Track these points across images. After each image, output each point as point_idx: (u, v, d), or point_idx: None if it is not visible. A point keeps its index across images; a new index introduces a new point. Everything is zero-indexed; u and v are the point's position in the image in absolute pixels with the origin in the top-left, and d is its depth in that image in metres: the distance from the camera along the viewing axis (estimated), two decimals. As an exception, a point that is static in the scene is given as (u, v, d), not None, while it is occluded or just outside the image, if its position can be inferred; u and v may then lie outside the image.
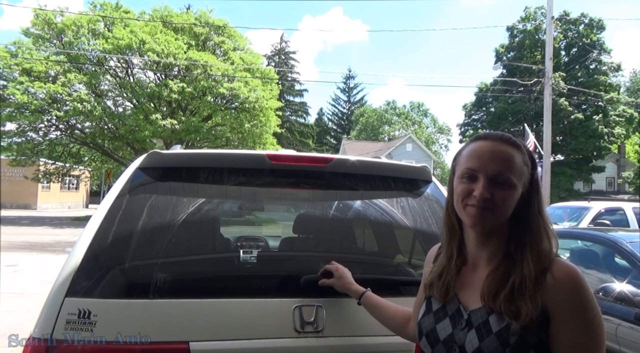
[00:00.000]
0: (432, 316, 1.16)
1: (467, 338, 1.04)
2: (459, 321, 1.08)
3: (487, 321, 1.02)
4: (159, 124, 21.01)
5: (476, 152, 1.09)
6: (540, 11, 32.09)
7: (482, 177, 1.06)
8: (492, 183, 1.05)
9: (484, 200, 1.04)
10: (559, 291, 0.98)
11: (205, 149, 21.23)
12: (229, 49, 25.34)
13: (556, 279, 0.99)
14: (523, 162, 1.08)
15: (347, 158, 1.89)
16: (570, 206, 10.23)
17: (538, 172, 1.14)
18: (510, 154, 1.07)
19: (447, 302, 1.14)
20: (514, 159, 1.07)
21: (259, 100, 23.80)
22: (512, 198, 1.05)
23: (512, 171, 1.05)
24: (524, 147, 1.11)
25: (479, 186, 1.05)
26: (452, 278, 1.15)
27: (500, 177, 1.05)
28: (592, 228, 6.41)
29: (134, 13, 24.29)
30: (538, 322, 0.98)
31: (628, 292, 3.35)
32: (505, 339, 0.98)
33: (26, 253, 11.02)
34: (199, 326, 1.43)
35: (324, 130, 60.05)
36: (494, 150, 1.07)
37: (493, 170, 1.05)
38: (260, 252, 2.19)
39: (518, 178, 1.06)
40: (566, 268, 1.01)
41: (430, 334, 1.13)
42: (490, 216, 1.05)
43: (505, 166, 1.05)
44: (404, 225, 1.97)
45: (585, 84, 29.98)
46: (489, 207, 1.04)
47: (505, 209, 1.05)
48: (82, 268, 1.44)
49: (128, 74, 24.10)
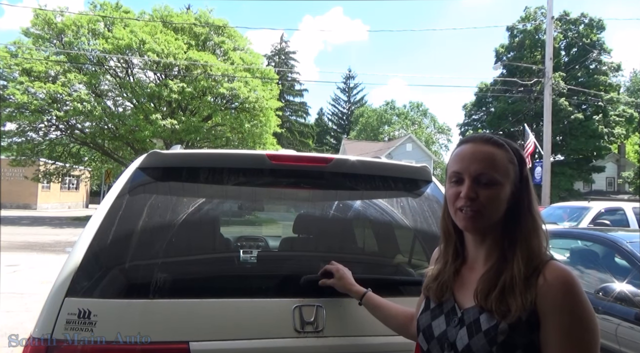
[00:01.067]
0: (429, 313, 1.19)
1: (458, 336, 1.06)
2: (453, 319, 1.11)
3: (477, 319, 1.04)
4: (159, 124, 21.01)
5: (459, 155, 1.13)
6: (540, 11, 32.10)
7: (466, 179, 1.08)
8: (476, 184, 1.07)
9: (470, 201, 1.06)
10: (549, 293, 0.98)
11: (205, 149, 21.23)
12: (229, 49, 25.34)
13: (547, 281, 0.99)
14: (507, 160, 1.09)
15: (347, 158, 1.89)
16: (570, 206, 10.22)
17: (528, 169, 1.15)
18: (491, 153, 1.09)
19: (444, 301, 1.16)
20: (496, 158, 1.08)
21: (259, 100, 23.81)
22: (498, 196, 1.07)
23: (494, 169, 1.07)
24: (508, 145, 1.12)
25: (464, 187, 1.08)
26: (449, 280, 1.17)
27: (483, 177, 1.07)
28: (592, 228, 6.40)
29: (134, 13, 24.30)
30: (527, 323, 0.98)
31: (628, 292, 3.35)
32: (493, 338, 0.99)
33: (26, 253, 11.02)
34: (199, 326, 1.43)
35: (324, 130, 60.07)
36: (475, 151, 1.10)
37: (475, 170, 1.08)
38: (260, 252, 2.18)
39: (503, 176, 1.07)
40: (558, 271, 1.00)
41: (426, 330, 1.16)
42: (480, 217, 1.07)
43: (486, 165, 1.07)
44: (404, 225, 1.97)
45: (585, 84, 29.98)
46: (477, 208, 1.07)
47: (493, 208, 1.07)
48: (82, 268, 1.44)
49: (128, 74, 24.10)
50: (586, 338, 0.96)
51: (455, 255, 1.19)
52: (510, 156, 1.10)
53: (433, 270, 1.24)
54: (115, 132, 23.22)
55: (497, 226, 1.10)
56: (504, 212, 1.08)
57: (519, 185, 1.09)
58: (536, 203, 1.11)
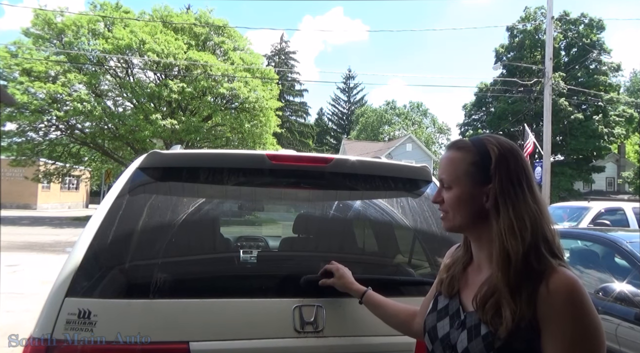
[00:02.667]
0: (435, 314, 1.20)
1: (459, 338, 1.07)
2: (456, 321, 1.11)
3: (478, 324, 1.04)
4: (159, 124, 21.01)
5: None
6: (540, 11, 32.08)
7: (439, 183, 1.19)
8: (442, 187, 1.16)
9: (438, 204, 1.17)
10: (551, 304, 0.95)
11: (205, 149, 21.23)
12: (229, 49, 25.34)
13: (550, 291, 0.96)
14: (469, 163, 1.10)
15: (347, 158, 1.89)
16: (570, 206, 10.22)
17: (508, 168, 1.07)
18: (449, 158, 1.15)
19: (451, 300, 1.17)
20: (453, 161, 1.13)
21: (259, 100, 23.81)
22: (455, 197, 1.11)
23: (448, 173, 1.13)
24: (476, 146, 1.11)
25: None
26: (459, 274, 1.19)
27: (444, 181, 1.15)
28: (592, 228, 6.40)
29: (134, 13, 24.29)
30: (527, 330, 0.97)
31: (628, 292, 3.35)
32: (490, 343, 0.99)
33: (26, 253, 11.02)
34: (199, 326, 1.43)
35: (324, 130, 60.05)
36: (442, 157, 1.19)
37: (439, 175, 1.18)
38: (260, 252, 2.18)
39: (456, 179, 1.11)
40: (563, 280, 0.96)
41: (431, 331, 1.17)
42: (447, 218, 1.15)
43: (444, 170, 1.15)
44: (404, 225, 1.97)
45: (585, 84, 29.98)
46: (445, 210, 1.15)
47: (454, 209, 1.12)
48: (82, 268, 1.44)
49: (128, 74, 24.10)
50: (592, 348, 0.95)
51: (464, 250, 1.23)
52: (472, 158, 1.10)
53: (449, 260, 1.26)
54: (115, 132, 23.22)
55: (479, 226, 1.10)
56: (478, 213, 1.08)
57: (487, 184, 1.07)
58: (523, 199, 1.04)
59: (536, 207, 1.04)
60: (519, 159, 1.09)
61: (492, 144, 1.10)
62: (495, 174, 1.06)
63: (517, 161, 1.08)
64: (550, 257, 1.01)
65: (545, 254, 1.01)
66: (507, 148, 1.09)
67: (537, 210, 1.04)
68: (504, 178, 1.06)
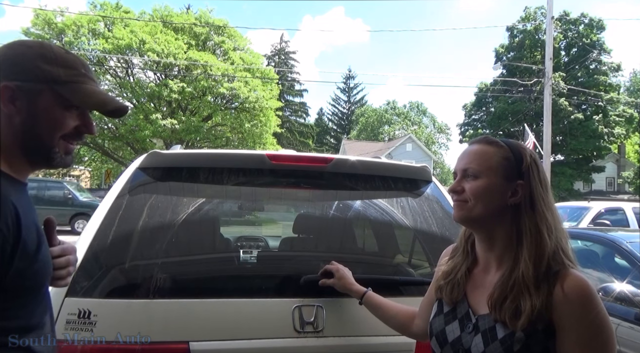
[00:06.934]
0: (442, 318, 1.18)
1: (473, 342, 1.06)
2: (467, 325, 1.11)
3: (493, 327, 1.04)
4: (159, 124, 21.01)
5: (459, 155, 1.20)
6: (540, 11, 32.05)
7: (458, 174, 1.16)
8: (463, 177, 1.14)
9: (456, 193, 1.14)
10: (567, 306, 0.98)
11: (205, 149, 21.24)
12: (229, 49, 25.33)
13: (566, 294, 0.99)
14: (500, 156, 1.11)
15: (347, 158, 1.89)
16: (570, 206, 10.21)
17: (537, 169, 1.13)
18: (480, 149, 1.14)
19: (457, 304, 1.16)
20: (484, 153, 1.12)
21: (259, 100, 23.80)
22: (482, 187, 1.09)
23: (478, 163, 1.12)
24: (507, 144, 1.14)
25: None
26: (461, 280, 1.17)
27: (468, 170, 1.13)
28: (592, 228, 6.40)
29: (134, 13, 24.29)
30: (544, 332, 0.99)
31: (628, 292, 3.35)
32: (509, 346, 0.99)
33: (26, 253, 11.00)
34: (199, 326, 1.43)
35: (324, 130, 60.02)
36: (467, 150, 1.18)
37: (462, 165, 1.15)
38: (260, 252, 2.18)
39: (489, 169, 1.10)
40: (577, 282, 1.00)
41: (439, 335, 1.16)
42: (464, 206, 1.12)
43: (471, 159, 1.14)
44: (404, 225, 1.97)
45: (585, 84, 29.96)
46: (462, 199, 1.12)
47: (477, 198, 1.09)
48: (82, 268, 1.44)
49: (128, 74, 24.10)
50: (605, 349, 0.99)
51: (464, 255, 1.21)
52: (505, 154, 1.12)
53: (445, 266, 1.25)
54: (115, 132, 23.22)
55: (494, 223, 1.10)
56: (499, 208, 1.09)
57: (519, 182, 1.09)
58: (548, 203, 1.10)
59: (555, 210, 1.12)
60: (542, 166, 1.17)
61: (522, 146, 1.16)
62: (528, 171, 1.10)
63: (542, 167, 1.16)
64: (565, 258, 1.06)
65: (562, 255, 1.05)
66: (534, 153, 1.16)
67: (556, 213, 1.12)
68: (537, 178, 1.11)
